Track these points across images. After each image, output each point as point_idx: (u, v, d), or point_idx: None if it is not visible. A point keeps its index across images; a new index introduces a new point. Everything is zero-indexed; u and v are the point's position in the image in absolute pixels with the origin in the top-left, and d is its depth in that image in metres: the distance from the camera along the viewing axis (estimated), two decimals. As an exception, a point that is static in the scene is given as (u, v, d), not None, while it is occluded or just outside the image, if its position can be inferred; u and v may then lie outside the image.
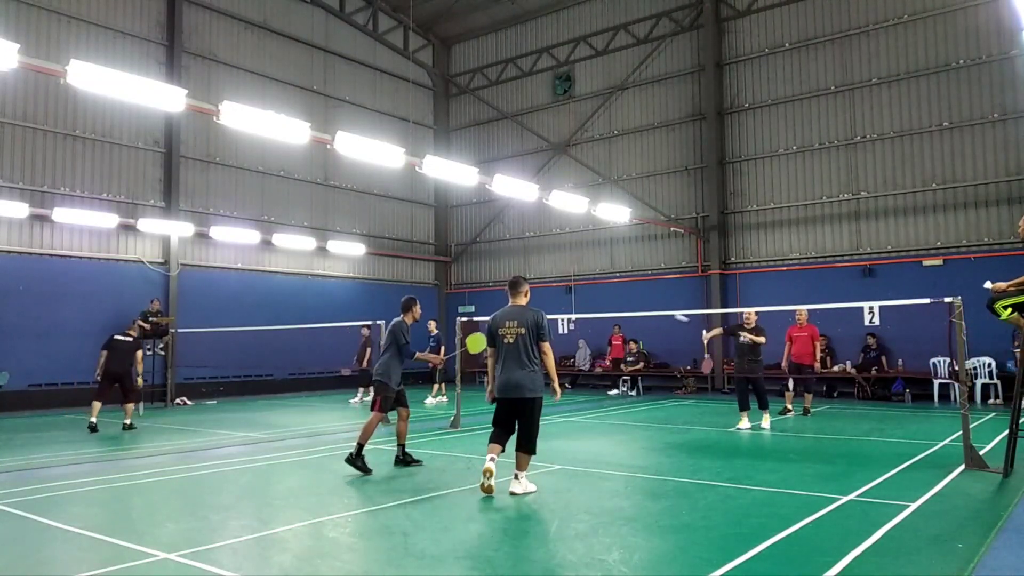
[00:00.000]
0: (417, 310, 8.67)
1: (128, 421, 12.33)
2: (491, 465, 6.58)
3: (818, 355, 13.91)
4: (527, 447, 6.75)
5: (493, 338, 6.95)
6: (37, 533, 5.66)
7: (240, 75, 20.28)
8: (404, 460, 8.40)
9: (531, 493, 6.72)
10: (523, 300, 7.05)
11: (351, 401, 17.51)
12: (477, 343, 8.32)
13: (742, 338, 12.04)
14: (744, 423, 11.60)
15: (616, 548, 5.04)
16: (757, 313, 12.35)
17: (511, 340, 6.79)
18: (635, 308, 18.83)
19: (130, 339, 12.62)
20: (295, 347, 19.40)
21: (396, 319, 8.57)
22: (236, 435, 11.58)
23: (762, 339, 11.95)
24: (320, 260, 22.19)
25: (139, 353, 12.78)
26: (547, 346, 6.82)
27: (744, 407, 11.83)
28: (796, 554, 4.89)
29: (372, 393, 8.66)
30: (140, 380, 12.84)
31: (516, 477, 6.75)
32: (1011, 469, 7.33)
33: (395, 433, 8.67)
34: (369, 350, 17.39)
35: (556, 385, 7.08)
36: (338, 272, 22.73)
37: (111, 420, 12.94)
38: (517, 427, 6.84)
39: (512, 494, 6.66)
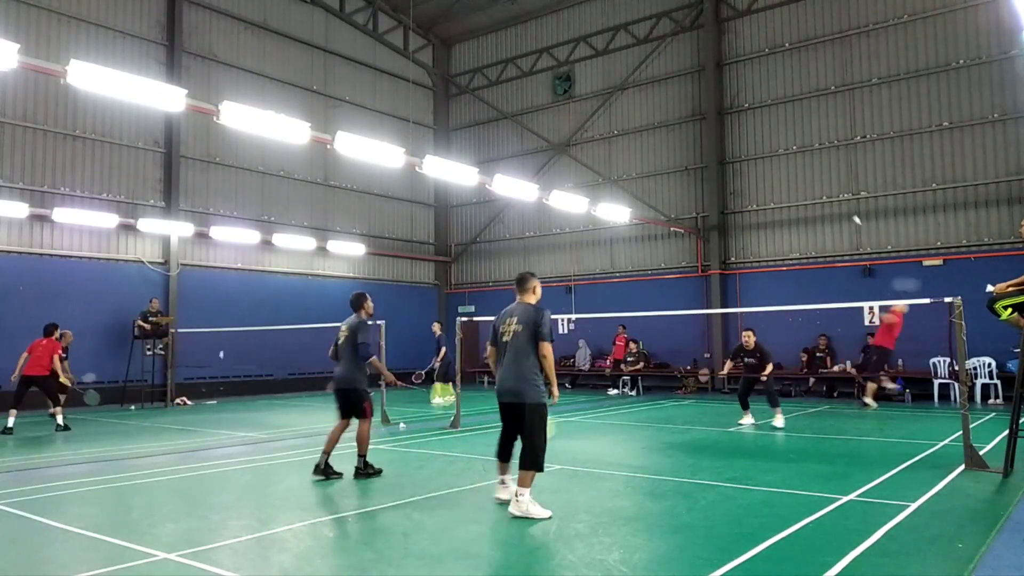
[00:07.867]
0: (369, 305, 8.14)
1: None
2: (503, 495, 6.35)
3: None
4: (525, 460, 5.99)
5: (495, 336, 6.43)
6: (37, 533, 5.66)
7: (240, 75, 20.28)
8: (365, 471, 7.68)
9: (533, 518, 5.80)
10: (531, 297, 6.41)
11: None
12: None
13: (747, 360, 12.15)
14: (747, 419, 11.74)
15: (616, 548, 5.03)
16: (754, 330, 12.37)
17: (507, 338, 6.25)
18: (635, 308, 18.80)
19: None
20: (295, 347, 19.36)
21: (352, 318, 8.04)
22: (236, 435, 11.58)
23: (770, 367, 12.00)
24: (320, 260, 22.19)
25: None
26: (546, 347, 6.10)
27: (745, 406, 11.97)
28: (796, 554, 4.89)
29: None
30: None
31: (516, 495, 5.91)
32: (1011, 469, 7.33)
33: (356, 441, 7.84)
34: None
35: (554, 388, 6.36)
36: (338, 272, 22.72)
37: (108, 420, 12.93)
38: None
39: (511, 515, 5.94)
